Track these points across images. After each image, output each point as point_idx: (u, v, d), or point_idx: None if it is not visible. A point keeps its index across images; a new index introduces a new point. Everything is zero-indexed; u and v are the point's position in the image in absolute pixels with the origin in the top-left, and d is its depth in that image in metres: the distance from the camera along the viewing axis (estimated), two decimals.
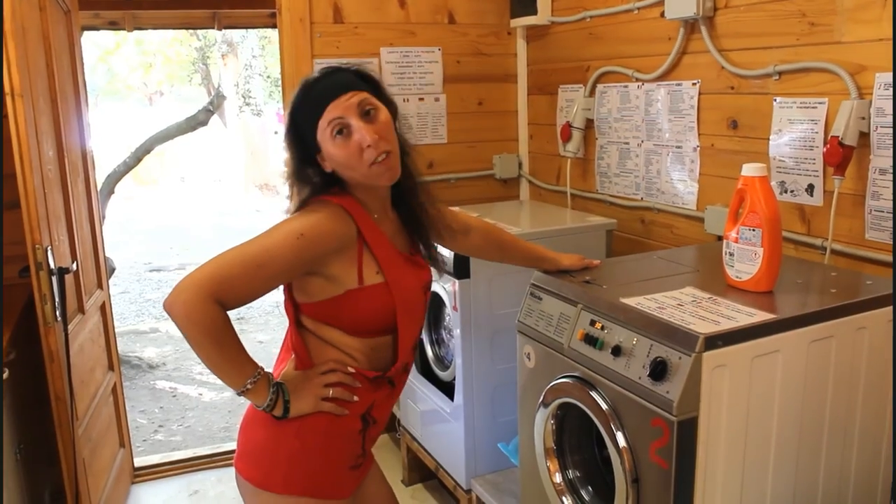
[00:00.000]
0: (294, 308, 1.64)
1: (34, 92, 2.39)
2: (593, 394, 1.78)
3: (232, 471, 1.72)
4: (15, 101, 2.23)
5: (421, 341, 2.99)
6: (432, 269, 1.79)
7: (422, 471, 3.24)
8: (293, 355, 1.65)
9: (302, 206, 1.58)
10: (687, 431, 1.56)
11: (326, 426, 1.59)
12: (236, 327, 1.50)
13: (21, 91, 2.24)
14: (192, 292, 1.39)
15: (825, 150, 2.02)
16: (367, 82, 1.58)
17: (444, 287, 2.67)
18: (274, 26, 3.33)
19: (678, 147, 2.65)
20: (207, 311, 1.40)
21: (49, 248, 2.39)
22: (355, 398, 1.60)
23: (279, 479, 1.59)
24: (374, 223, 1.59)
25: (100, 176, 4.96)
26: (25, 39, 2.33)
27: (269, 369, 1.61)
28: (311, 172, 1.59)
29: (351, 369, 1.60)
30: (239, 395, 1.52)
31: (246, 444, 1.66)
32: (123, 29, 4.03)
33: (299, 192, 1.60)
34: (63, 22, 2.89)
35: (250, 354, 1.54)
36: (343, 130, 1.50)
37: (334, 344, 1.61)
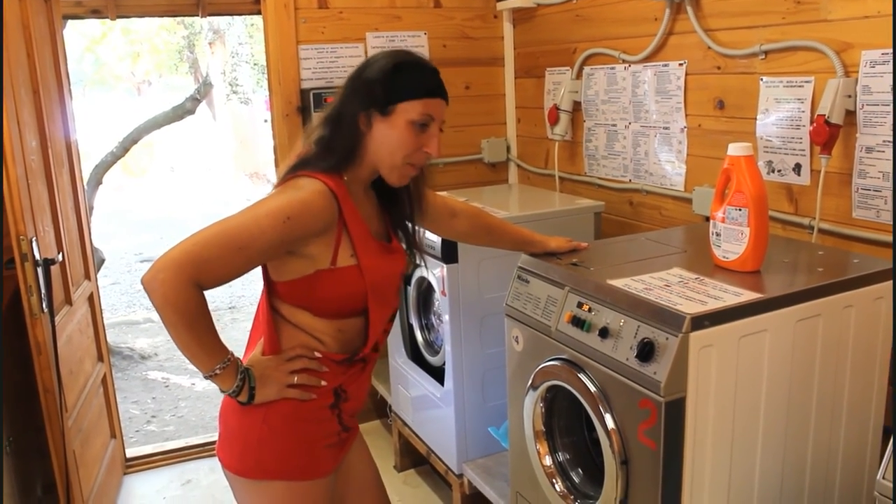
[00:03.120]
0: (268, 287, 1.64)
1: (14, 82, 2.36)
2: (581, 376, 1.78)
3: None
4: None
5: (410, 326, 2.99)
6: (415, 254, 1.79)
7: (413, 456, 3.25)
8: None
9: (291, 174, 1.56)
10: (675, 412, 1.56)
11: (293, 410, 1.59)
12: (227, 316, 1.50)
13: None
14: (170, 273, 1.38)
15: (812, 128, 2.02)
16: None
17: (432, 272, 2.66)
18: (259, 13, 3.30)
19: (665, 128, 2.65)
20: (184, 293, 1.39)
21: (34, 239, 2.37)
22: (323, 383, 1.61)
23: (252, 464, 1.61)
24: (354, 206, 1.59)
25: (87, 166, 4.92)
26: (5, 29, 2.30)
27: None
28: (348, 122, 1.56)
29: (318, 354, 1.60)
30: (206, 378, 1.51)
31: (222, 432, 1.67)
32: (107, 17, 3.97)
33: (319, 137, 1.58)
34: (43, 11, 2.85)
35: (239, 342, 1.54)
36: (423, 126, 1.54)
37: (303, 327, 1.61)
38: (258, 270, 1.58)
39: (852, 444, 1.85)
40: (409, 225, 1.76)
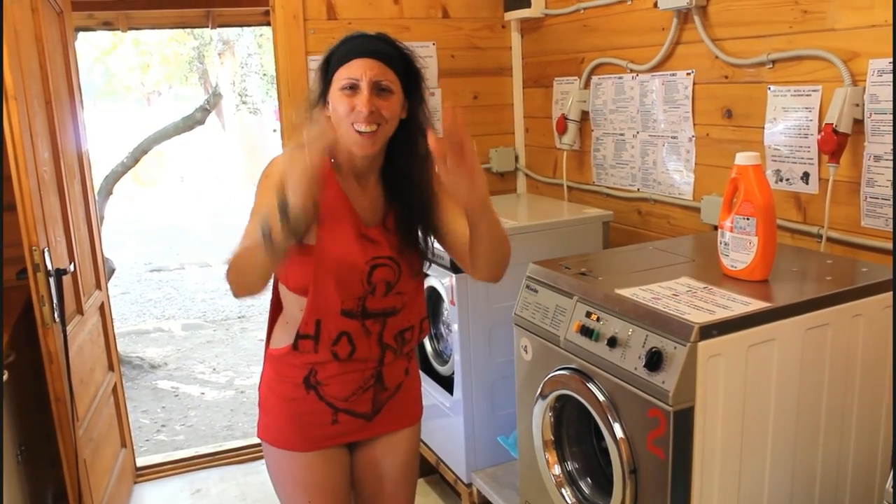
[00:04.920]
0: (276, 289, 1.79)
1: (28, 94, 2.39)
2: (590, 385, 1.78)
3: (234, 468, 1.82)
4: (8, 103, 2.23)
5: None
6: (424, 258, 1.79)
7: (423, 466, 3.23)
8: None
9: None
10: (683, 421, 1.56)
11: (269, 380, 1.78)
12: (237, 326, 1.54)
13: (14, 93, 2.24)
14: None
15: (819, 137, 2.02)
16: (404, 65, 1.65)
17: (441, 282, 2.67)
18: (268, 24, 3.33)
19: (673, 137, 2.65)
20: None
21: (46, 249, 2.39)
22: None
23: (258, 426, 1.83)
24: (336, 182, 1.65)
25: (98, 176, 4.96)
26: (18, 41, 2.32)
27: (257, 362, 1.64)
28: (317, 112, 1.66)
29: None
30: (266, 239, 1.44)
31: None
32: (118, 29, 4.02)
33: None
34: (56, 23, 2.89)
35: (249, 352, 1.57)
36: (353, 88, 1.58)
37: (289, 301, 1.73)
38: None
39: (862, 453, 1.84)
40: (418, 230, 1.74)
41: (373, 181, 1.71)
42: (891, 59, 1.87)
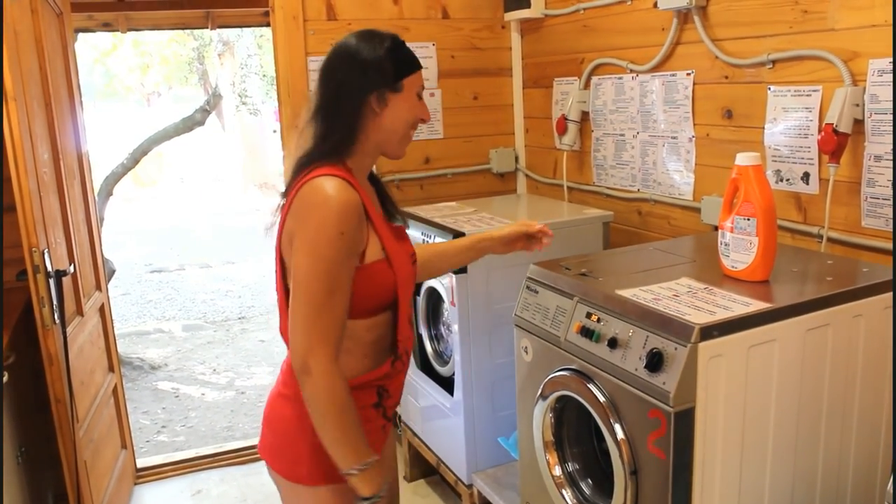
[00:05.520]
0: (286, 297, 1.57)
1: (27, 95, 2.38)
2: (591, 386, 1.78)
3: (234, 469, 1.73)
4: (8, 105, 2.23)
5: (420, 337, 2.99)
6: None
7: (423, 466, 3.25)
8: None
9: (301, 174, 1.54)
10: (684, 422, 1.56)
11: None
12: (237, 327, 1.50)
13: (14, 94, 2.24)
14: (320, 360, 1.45)
15: (820, 137, 2.02)
16: None
17: (441, 282, 2.67)
18: (268, 24, 3.33)
19: (673, 138, 2.65)
20: (337, 377, 1.47)
21: (46, 250, 2.39)
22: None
23: (304, 471, 1.60)
24: (367, 196, 1.59)
25: (98, 177, 4.95)
26: (17, 42, 2.32)
27: (270, 368, 1.59)
28: (351, 106, 1.55)
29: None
30: (344, 474, 1.51)
31: (270, 437, 1.67)
32: (117, 30, 4.03)
33: (322, 128, 1.58)
34: (55, 24, 2.88)
35: (250, 352, 1.53)
36: (421, 96, 1.63)
37: (351, 328, 1.56)
38: (269, 282, 1.57)
39: (863, 454, 1.84)
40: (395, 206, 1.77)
41: (367, 183, 1.71)
42: (891, 59, 1.86)
